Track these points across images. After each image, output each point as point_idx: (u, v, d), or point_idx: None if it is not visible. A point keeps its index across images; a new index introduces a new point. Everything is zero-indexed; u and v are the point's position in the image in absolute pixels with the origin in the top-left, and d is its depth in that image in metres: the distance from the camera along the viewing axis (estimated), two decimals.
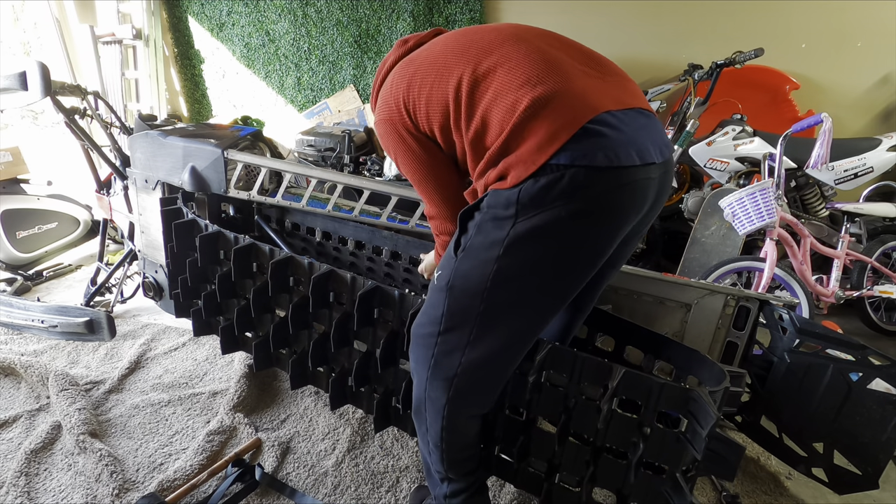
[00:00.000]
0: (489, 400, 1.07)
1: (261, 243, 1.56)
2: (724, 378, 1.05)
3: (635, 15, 3.12)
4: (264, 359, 1.63)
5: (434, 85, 0.93)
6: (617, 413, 1.07)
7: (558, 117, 0.81)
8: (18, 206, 2.66)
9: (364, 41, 3.66)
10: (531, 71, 0.85)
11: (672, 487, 1.04)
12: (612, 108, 0.84)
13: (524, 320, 0.97)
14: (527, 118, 0.82)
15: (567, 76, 0.85)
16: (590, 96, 0.84)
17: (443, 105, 0.92)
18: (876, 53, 2.82)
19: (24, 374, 1.82)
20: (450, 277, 0.95)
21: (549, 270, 0.90)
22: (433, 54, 0.97)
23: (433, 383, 1.02)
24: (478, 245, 0.91)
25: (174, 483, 1.39)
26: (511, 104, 0.83)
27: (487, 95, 0.87)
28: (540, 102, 0.82)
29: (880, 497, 1.45)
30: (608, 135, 0.81)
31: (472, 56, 0.90)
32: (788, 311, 1.39)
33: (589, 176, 0.81)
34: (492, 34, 0.94)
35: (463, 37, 0.97)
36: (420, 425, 1.11)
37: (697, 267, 2.47)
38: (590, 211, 0.84)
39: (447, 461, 1.10)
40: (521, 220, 0.85)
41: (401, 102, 0.98)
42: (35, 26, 3.90)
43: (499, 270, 0.89)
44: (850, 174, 2.34)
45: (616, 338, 1.38)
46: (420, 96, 0.95)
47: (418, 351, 1.05)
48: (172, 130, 1.98)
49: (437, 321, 0.98)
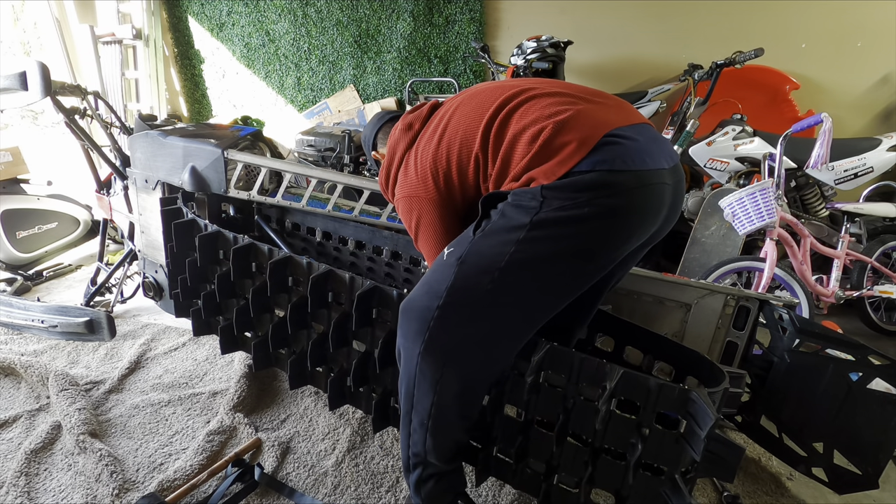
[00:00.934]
0: (484, 379, 1.06)
1: (259, 243, 1.56)
2: (724, 379, 1.05)
3: (635, 15, 3.11)
4: (263, 358, 1.63)
5: (464, 131, 1.04)
6: (615, 414, 1.06)
7: (578, 135, 0.91)
8: (18, 206, 2.66)
9: (364, 41, 3.66)
10: (551, 103, 0.98)
11: (671, 489, 1.03)
12: (623, 124, 0.95)
13: (529, 306, 0.98)
14: (550, 139, 0.92)
15: (580, 103, 0.98)
16: (602, 116, 0.95)
17: (468, 142, 1.03)
18: (876, 53, 2.82)
19: (24, 374, 1.83)
20: (463, 253, 0.98)
21: (565, 261, 0.94)
22: (458, 117, 1.07)
23: (427, 357, 1.00)
24: (499, 227, 0.96)
25: (174, 483, 1.39)
26: (537, 129, 0.94)
27: (512, 128, 0.98)
28: (560, 124, 0.93)
29: (880, 497, 1.45)
30: (624, 144, 0.91)
31: (497, 100, 1.02)
32: (788, 311, 1.39)
33: (611, 176, 0.89)
34: (500, 86, 1.07)
35: (475, 95, 1.08)
36: (405, 403, 1.09)
37: (697, 267, 2.47)
38: (611, 207, 0.90)
39: (430, 442, 1.07)
40: (545, 210, 0.91)
41: (428, 174, 1.08)
42: (35, 26, 3.90)
43: (516, 252, 0.93)
44: (850, 174, 2.34)
45: (616, 338, 1.38)
46: (452, 146, 1.05)
47: (410, 325, 1.03)
48: (172, 130, 1.98)
49: (439, 294, 0.98)
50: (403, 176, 1.14)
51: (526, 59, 2.86)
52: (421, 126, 1.15)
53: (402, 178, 1.15)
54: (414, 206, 1.12)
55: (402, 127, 1.17)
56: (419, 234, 1.14)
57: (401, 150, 1.16)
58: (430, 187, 1.08)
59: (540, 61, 2.83)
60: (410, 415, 1.08)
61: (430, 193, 1.09)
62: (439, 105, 1.18)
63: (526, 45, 2.89)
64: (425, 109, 1.18)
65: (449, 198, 1.10)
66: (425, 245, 1.15)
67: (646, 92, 2.99)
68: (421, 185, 1.09)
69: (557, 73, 2.90)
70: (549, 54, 2.84)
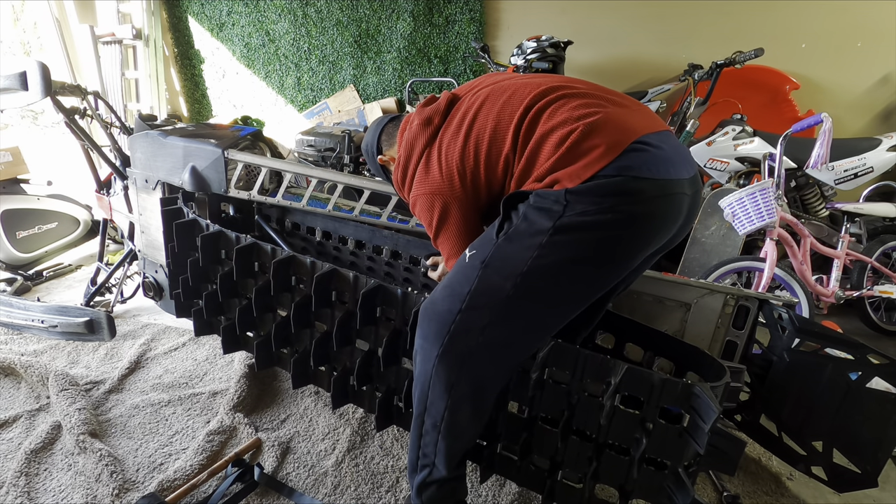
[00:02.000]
0: (497, 384, 1.07)
1: (262, 243, 1.56)
2: (724, 373, 1.05)
3: (635, 15, 3.12)
4: (266, 358, 1.63)
5: (493, 129, 1.02)
6: (619, 409, 1.07)
7: (606, 139, 0.91)
8: (18, 206, 2.66)
9: (364, 41, 3.66)
10: (580, 104, 0.97)
11: (674, 483, 1.04)
12: (650, 131, 0.95)
13: (550, 311, 0.99)
14: (578, 141, 0.92)
15: (608, 106, 0.97)
16: (630, 122, 0.95)
17: (499, 141, 1.01)
18: (876, 53, 2.82)
19: (24, 374, 1.82)
20: (486, 256, 0.98)
21: (586, 267, 0.95)
22: (487, 113, 1.04)
23: (444, 360, 1.02)
24: (522, 231, 0.96)
25: (174, 483, 1.39)
26: (566, 131, 0.94)
27: (540, 128, 0.97)
28: (590, 127, 0.92)
29: (880, 497, 1.45)
30: (651, 151, 0.92)
31: (527, 98, 1.01)
32: (788, 311, 1.39)
33: (635, 183, 0.90)
34: (529, 82, 1.06)
35: (503, 90, 1.06)
36: (418, 404, 1.09)
37: (697, 267, 2.47)
38: (632, 215, 0.91)
39: (441, 444, 1.08)
40: (568, 215, 0.91)
41: (454, 173, 1.06)
42: (35, 26, 3.90)
43: (539, 257, 0.93)
44: (850, 174, 2.34)
45: (616, 335, 1.39)
46: (481, 144, 1.03)
47: (430, 326, 1.04)
48: (172, 130, 1.98)
49: (462, 298, 0.99)
50: (424, 173, 1.11)
51: (526, 59, 2.86)
52: (441, 120, 1.11)
53: (421, 175, 1.11)
54: (437, 204, 1.09)
55: (419, 122, 1.13)
56: (441, 232, 1.12)
57: (420, 146, 1.12)
58: (455, 186, 1.06)
59: (540, 61, 2.84)
60: (423, 416, 1.09)
61: (455, 192, 1.07)
62: (457, 98, 1.14)
63: (526, 45, 2.89)
64: (443, 102, 1.13)
65: (475, 196, 1.08)
66: (447, 243, 1.13)
67: (646, 92, 2.99)
68: (446, 183, 1.07)
69: (557, 73, 2.90)
70: (549, 54, 2.85)
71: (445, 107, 1.12)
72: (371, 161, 1.35)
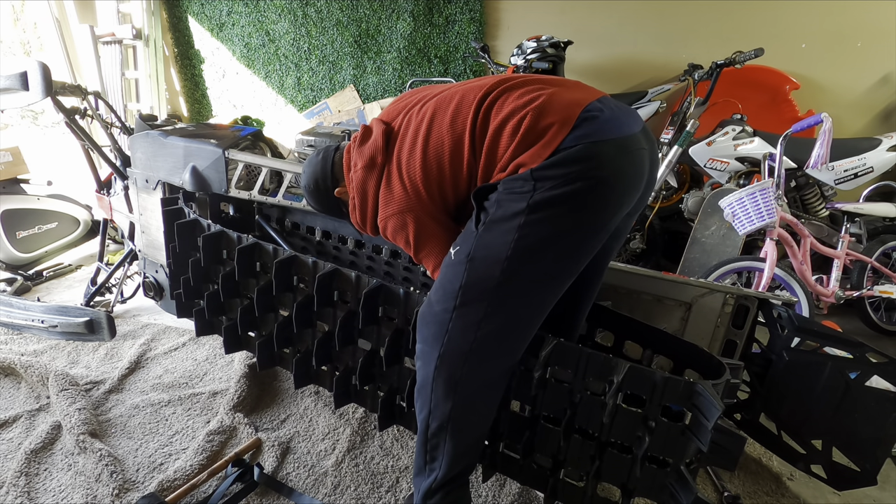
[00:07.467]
0: (503, 376, 1.08)
1: (264, 242, 1.56)
2: (724, 370, 1.05)
3: (635, 15, 3.12)
4: (268, 358, 1.63)
5: (450, 139, 1.03)
6: (622, 408, 1.07)
7: (557, 117, 0.95)
8: (18, 206, 2.66)
9: (364, 41, 3.66)
10: (523, 92, 1.01)
11: (677, 480, 1.04)
12: (591, 100, 0.99)
13: (542, 288, 1.00)
14: (532, 125, 0.96)
15: (548, 88, 1.02)
16: (571, 96, 1.00)
17: (458, 147, 1.03)
18: (876, 53, 2.82)
19: (24, 374, 1.82)
20: (470, 249, 1.00)
21: (567, 236, 0.97)
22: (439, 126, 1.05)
23: (446, 360, 1.02)
24: (499, 217, 0.97)
25: (174, 483, 1.39)
26: (517, 119, 0.97)
27: (492, 123, 1.00)
28: (539, 110, 0.96)
29: (880, 497, 1.45)
30: (599, 117, 0.96)
31: (474, 101, 1.02)
32: (787, 310, 1.40)
33: (595, 147, 0.93)
34: (472, 86, 1.07)
35: (450, 99, 1.06)
36: (423, 408, 1.09)
37: (697, 267, 2.47)
38: (599, 178, 0.94)
39: (449, 445, 1.08)
40: (539, 192, 0.93)
41: (419, 186, 1.05)
42: (35, 26, 3.91)
43: (520, 238, 0.95)
44: (850, 174, 2.34)
45: (615, 333, 1.39)
46: (442, 155, 1.04)
47: (429, 329, 1.05)
48: (173, 130, 1.98)
49: (454, 295, 1.00)
50: (387, 193, 1.09)
51: (526, 59, 2.86)
52: (385, 158, 1.10)
53: (385, 196, 1.09)
54: (409, 220, 1.08)
55: (363, 165, 1.10)
56: (420, 247, 1.11)
57: (373, 187, 1.11)
58: (423, 198, 1.06)
59: (540, 61, 2.84)
60: (429, 420, 1.09)
61: (424, 204, 1.06)
62: (391, 128, 1.11)
63: (526, 45, 2.89)
64: (380, 138, 1.10)
65: (443, 203, 1.08)
66: (430, 255, 1.12)
67: (646, 92, 2.99)
68: (413, 197, 1.06)
69: (557, 73, 2.90)
70: (549, 54, 2.85)
71: (383, 142, 1.10)
72: (322, 197, 1.25)
